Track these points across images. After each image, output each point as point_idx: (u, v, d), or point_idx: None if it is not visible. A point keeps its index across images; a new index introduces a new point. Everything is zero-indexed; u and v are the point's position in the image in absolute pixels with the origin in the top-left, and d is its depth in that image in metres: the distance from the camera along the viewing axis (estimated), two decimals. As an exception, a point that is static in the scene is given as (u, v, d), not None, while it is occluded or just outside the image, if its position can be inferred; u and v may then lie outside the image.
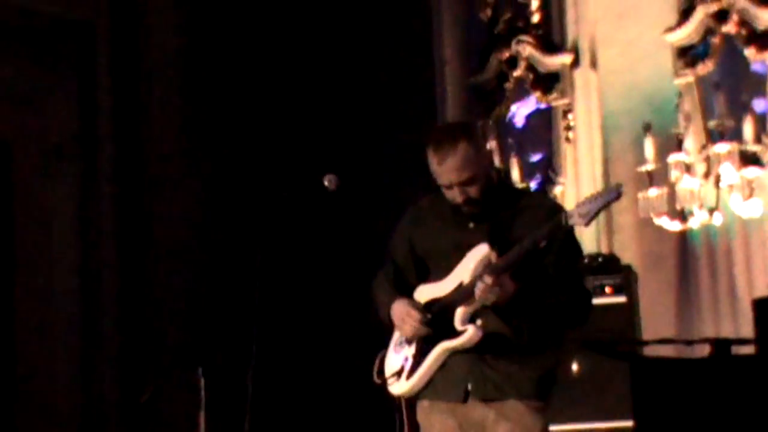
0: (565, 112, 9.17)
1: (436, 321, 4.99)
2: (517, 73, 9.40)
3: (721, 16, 8.39)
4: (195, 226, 10.82)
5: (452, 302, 4.96)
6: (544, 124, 9.35)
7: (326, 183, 5.63)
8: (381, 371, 5.18)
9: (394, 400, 5.32)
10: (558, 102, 9.21)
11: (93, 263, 10.67)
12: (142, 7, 10.91)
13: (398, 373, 5.13)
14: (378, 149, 10.54)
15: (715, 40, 8.43)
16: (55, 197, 10.64)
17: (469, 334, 4.95)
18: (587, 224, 4.77)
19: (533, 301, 4.98)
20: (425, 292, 5.08)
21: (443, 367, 5.01)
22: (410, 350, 5.11)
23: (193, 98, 11.00)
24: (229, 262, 10.35)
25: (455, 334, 4.97)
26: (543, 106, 9.33)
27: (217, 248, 10.66)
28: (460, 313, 4.94)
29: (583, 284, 5.16)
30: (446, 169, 5.03)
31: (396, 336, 5.15)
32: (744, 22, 8.27)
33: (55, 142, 10.59)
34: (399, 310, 5.08)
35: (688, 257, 8.54)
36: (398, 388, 5.11)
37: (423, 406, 5.09)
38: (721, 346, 6.00)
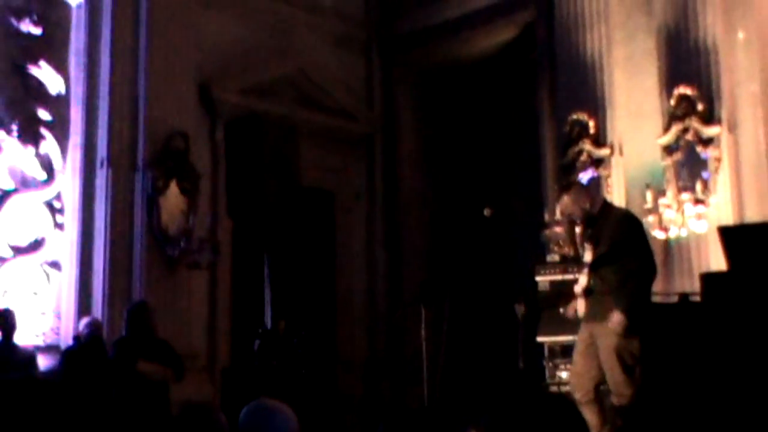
0: (606, 178, 9.02)
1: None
2: (582, 158, 9.11)
3: (685, 130, 8.41)
4: (426, 234, 11.05)
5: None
6: (596, 184, 8.88)
7: (485, 212, 5.58)
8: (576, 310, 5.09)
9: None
10: (603, 173, 9.04)
11: (372, 253, 11.01)
12: (396, 121, 11.19)
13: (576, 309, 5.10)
14: (512, 196, 10.39)
15: (682, 143, 8.46)
16: (353, 221, 10.89)
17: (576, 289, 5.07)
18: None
19: (612, 270, 4.88)
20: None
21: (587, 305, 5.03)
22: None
23: (424, 168, 11.21)
24: (447, 250, 10.31)
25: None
26: (595, 174, 9.01)
27: (440, 242, 10.71)
28: (580, 279, 5.07)
29: (643, 253, 4.84)
30: (560, 209, 5.20)
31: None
32: (696, 134, 8.38)
33: (355, 191, 10.86)
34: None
35: (668, 251, 8.46)
36: (578, 314, 5.07)
37: (582, 324, 5.12)
38: (684, 297, 5.26)
